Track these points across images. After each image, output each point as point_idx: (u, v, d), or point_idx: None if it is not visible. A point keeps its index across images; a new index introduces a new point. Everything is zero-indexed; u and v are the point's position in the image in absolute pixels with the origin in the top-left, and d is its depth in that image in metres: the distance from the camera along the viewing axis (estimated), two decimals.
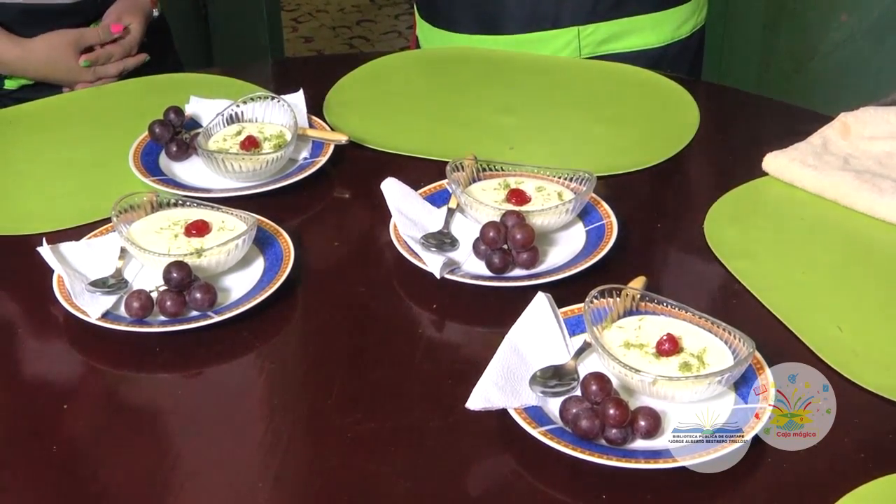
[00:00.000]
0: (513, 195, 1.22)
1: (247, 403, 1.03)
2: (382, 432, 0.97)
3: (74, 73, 1.63)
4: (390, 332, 1.10)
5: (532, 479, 0.92)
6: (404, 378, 1.04)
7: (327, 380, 1.04)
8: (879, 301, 1.13)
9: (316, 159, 1.35)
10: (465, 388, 0.96)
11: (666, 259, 1.25)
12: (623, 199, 1.27)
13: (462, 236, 1.20)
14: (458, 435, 0.96)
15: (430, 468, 0.93)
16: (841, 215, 1.27)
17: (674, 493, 0.90)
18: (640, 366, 0.96)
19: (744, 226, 1.26)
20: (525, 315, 1.04)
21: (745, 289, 1.14)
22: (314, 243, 1.22)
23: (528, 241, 1.13)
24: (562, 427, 0.94)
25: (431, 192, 1.27)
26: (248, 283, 1.13)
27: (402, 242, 1.17)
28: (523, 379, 0.98)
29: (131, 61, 1.68)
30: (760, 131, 1.49)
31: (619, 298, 1.04)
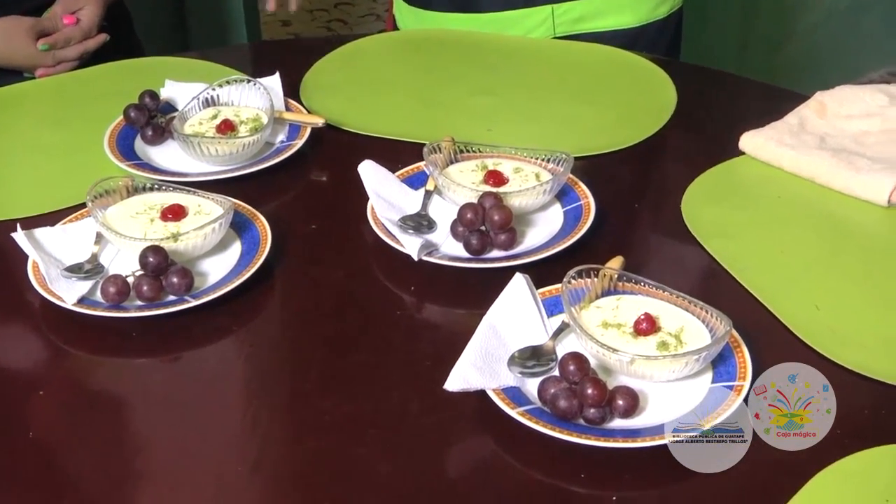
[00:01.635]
0: (490, 177, 1.22)
1: (224, 388, 1.03)
2: (361, 415, 0.97)
3: (33, 58, 1.61)
4: (368, 315, 1.10)
5: (511, 459, 0.92)
6: (383, 360, 1.04)
7: (305, 363, 1.04)
8: (856, 279, 1.14)
9: (292, 142, 1.34)
10: (444, 370, 0.96)
11: (643, 239, 1.25)
12: (600, 179, 1.27)
13: (440, 218, 1.20)
14: (437, 416, 0.96)
15: (409, 450, 0.93)
16: (817, 194, 1.27)
17: (652, 472, 0.90)
18: (617, 345, 0.97)
19: (721, 205, 1.26)
20: (503, 296, 1.04)
21: (722, 268, 1.15)
22: (291, 227, 1.22)
23: (506, 222, 1.13)
24: (540, 407, 0.94)
25: (409, 174, 1.27)
26: (224, 267, 1.13)
27: (379, 225, 1.17)
28: (501, 360, 0.98)
29: (91, 43, 1.66)
30: (737, 111, 1.49)
31: (597, 279, 1.04)
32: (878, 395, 0.98)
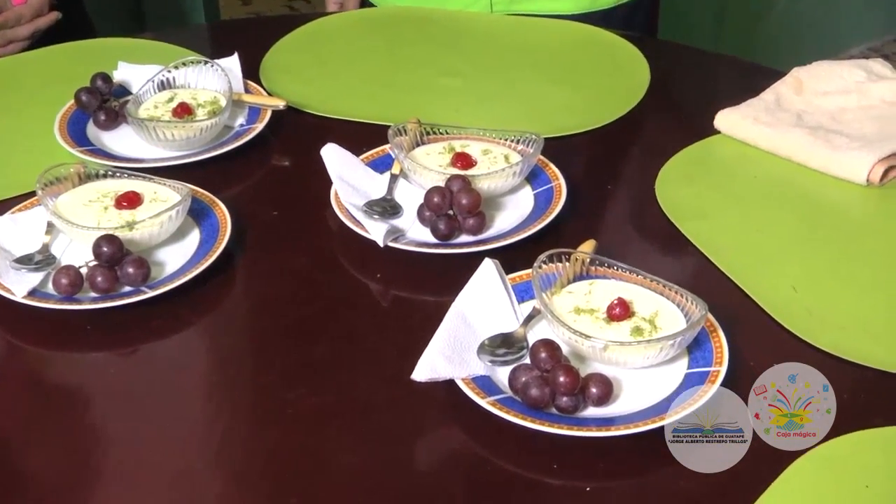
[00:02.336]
0: (458, 159, 1.22)
1: (184, 381, 1.03)
2: (326, 407, 0.97)
3: None
4: (333, 304, 1.10)
5: (481, 450, 0.93)
6: (348, 350, 1.04)
7: (268, 354, 1.04)
8: (834, 260, 1.15)
9: (252, 126, 1.34)
10: (412, 359, 0.96)
11: (616, 222, 1.26)
12: (572, 161, 1.27)
13: (406, 203, 1.20)
14: (405, 407, 0.97)
15: (376, 442, 0.93)
16: (794, 173, 1.28)
17: (626, 461, 0.91)
18: (590, 331, 0.97)
19: (696, 186, 1.27)
20: (472, 282, 1.04)
21: (697, 250, 1.15)
22: (252, 213, 1.21)
23: (475, 206, 1.14)
24: (511, 396, 0.95)
25: (373, 157, 1.27)
26: (183, 256, 1.13)
27: (343, 210, 1.17)
28: (471, 348, 0.98)
29: (42, 21, 1.65)
30: (712, 88, 1.50)
31: (569, 263, 1.05)
32: (857, 379, 0.99)
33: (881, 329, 1.05)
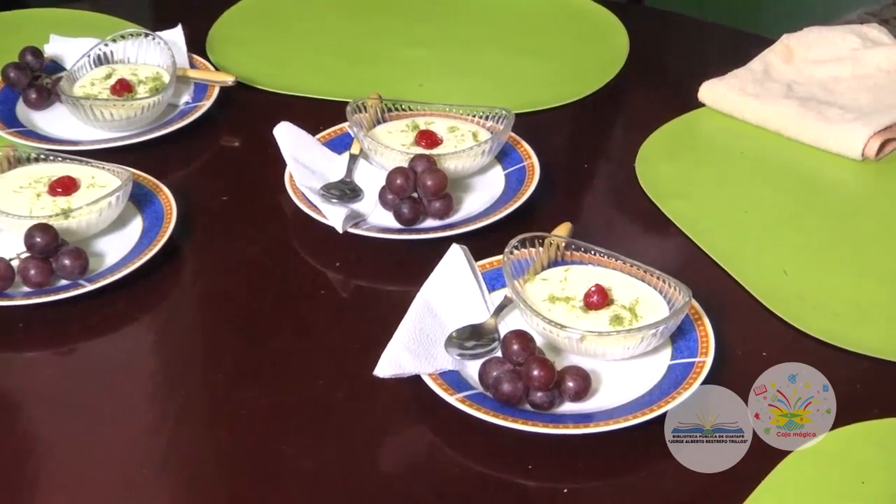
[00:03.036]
0: (422, 137, 1.22)
1: (127, 382, 1.02)
2: (283, 407, 0.97)
3: None
4: (289, 295, 1.10)
5: (451, 451, 0.93)
6: (305, 345, 1.04)
7: (219, 351, 1.04)
8: (828, 241, 1.16)
9: (199, 104, 1.33)
10: (374, 354, 0.96)
11: (594, 203, 1.26)
12: (545, 138, 1.28)
13: (366, 185, 1.20)
14: (368, 406, 0.97)
15: (337, 445, 0.94)
16: (785, 148, 1.29)
17: (607, 460, 0.92)
18: (566, 321, 0.98)
19: (679, 163, 1.28)
20: (438, 270, 1.04)
21: (681, 232, 1.16)
22: (200, 199, 1.21)
23: (441, 187, 1.14)
24: (482, 392, 0.95)
25: (331, 136, 1.27)
26: (124, 246, 1.12)
27: (299, 194, 1.17)
28: (438, 341, 0.99)
29: None
30: (696, 58, 1.51)
31: (542, 248, 1.05)
32: (853, 368, 1.00)
33: (878, 315, 1.06)
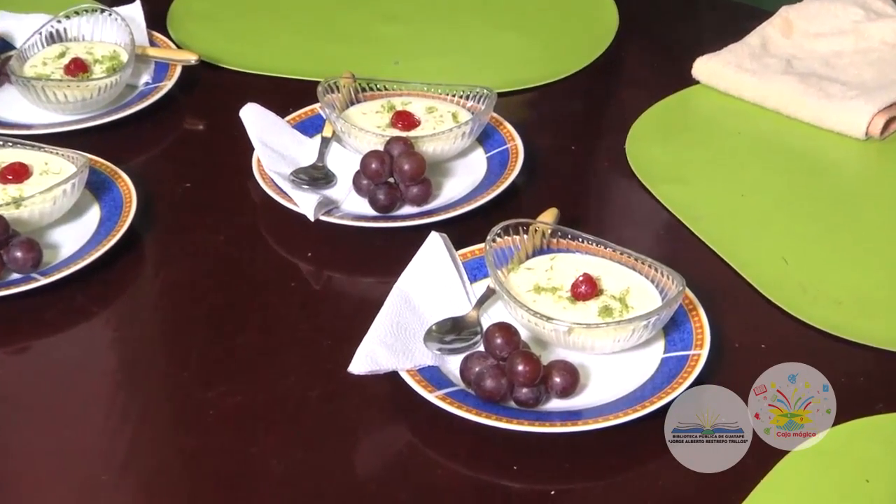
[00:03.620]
0: (399, 119, 1.22)
1: (86, 381, 1.02)
2: (251, 407, 0.97)
3: None
4: (258, 288, 1.10)
5: (430, 452, 0.93)
6: (275, 341, 1.04)
7: (184, 347, 1.04)
8: (830, 226, 1.17)
9: (160, 84, 1.33)
10: (348, 350, 0.96)
11: (581, 187, 1.26)
12: (530, 118, 1.28)
13: (340, 170, 1.20)
14: (342, 405, 0.97)
15: (309, 446, 0.94)
16: (784, 127, 1.30)
17: (596, 459, 0.92)
18: (552, 313, 0.98)
19: (672, 145, 1.28)
20: (417, 260, 1.05)
21: (674, 218, 1.17)
22: (161, 186, 1.21)
23: (418, 172, 1.14)
24: (463, 389, 0.95)
25: (301, 118, 1.27)
26: (81, 237, 1.12)
27: (267, 180, 1.17)
28: (416, 335, 0.99)
29: None
30: (690, 32, 1.51)
31: (527, 235, 1.06)
32: (856, 360, 1.01)
33: (882, 305, 1.07)
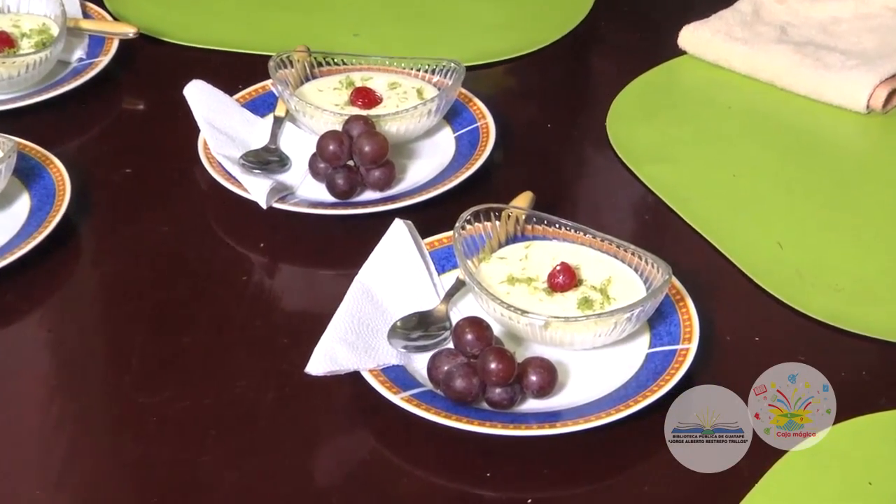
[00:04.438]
0: (358, 96, 1.22)
1: (16, 387, 1.02)
2: (200, 412, 0.97)
3: None
4: (206, 283, 1.10)
5: (396, 458, 0.94)
6: (226, 340, 1.04)
7: (124, 349, 1.04)
8: (828, 207, 1.18)
9: (95, 60, 1.33)
10: (306, 349, 0.96)
11: (558, 169, 1.27)
12: (502, 94, 1.28)
13: (294, 153, 1.20)
14: (300, 409, 0.97)
15: (264, 454, 0.94)
16: (778, 101, 1.30)
17: (576, 464, 0.93)
18: (527, 306, 0.98)
19: (657, 121, 1.29)
20: (379, 250, 1.05)
21: (659, 200, 1.17)
22: (98, 172, 1.21)
23: (380, 154, 1.14)
24: (431, 390, 0.96)
25: (251, 96, 1.27)
26: (9, 229, 1.12)
27: (215, 165, 1.17)
28: (379, 332, 0.99)
29: None
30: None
31: (500, 222, 1.06)
32: (858, 352, 1.02)
33: (886, 292, 1.08)
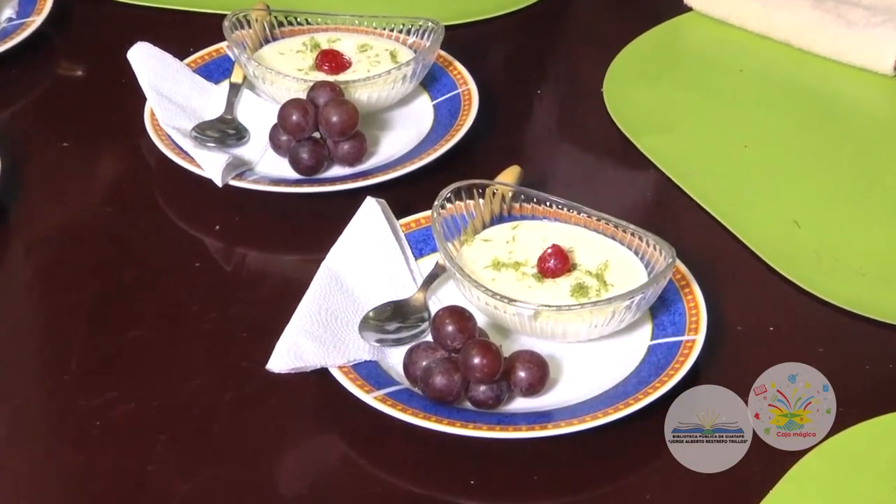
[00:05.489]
0: (325, 59, 1.23)
1: None
2: (148, 415, 0.97)
3: None
4: (154, 271, 1.10)
5: (369, 465, 0.94)
6: (177, 335, 1.04)
7: (62, 346, 1.04)
8: (851, 182, 1.18)
9: (27, 20, 1.33)
10: (268, 343, 0.96)
11: (549, 140, 1.27)
12: (485, 57, 1.28)
13: (253, 124, 1.20)
14: (261, 411, 0.97)
15: (220, 462, 0.94)
16: (795, 62, 1.31)
17: (570, 471, 0.93)
18: (515, 294, 0.99)
19: (659, 86, 1.29)
20: (349, 232, 1.05)
21: (662, 175, 1.18)
22: (31, 146, 1.21)
23: (349, 125, 1.14)
24: (408, 388, 0.96)
25: (204, 60, 1.27)
26: None
27: (163, 138, 1.17)
28: (350, 324, 0.99)
29: None
30: None
31: (483, 200, 1.06)
32: (884, 342, 1.03)
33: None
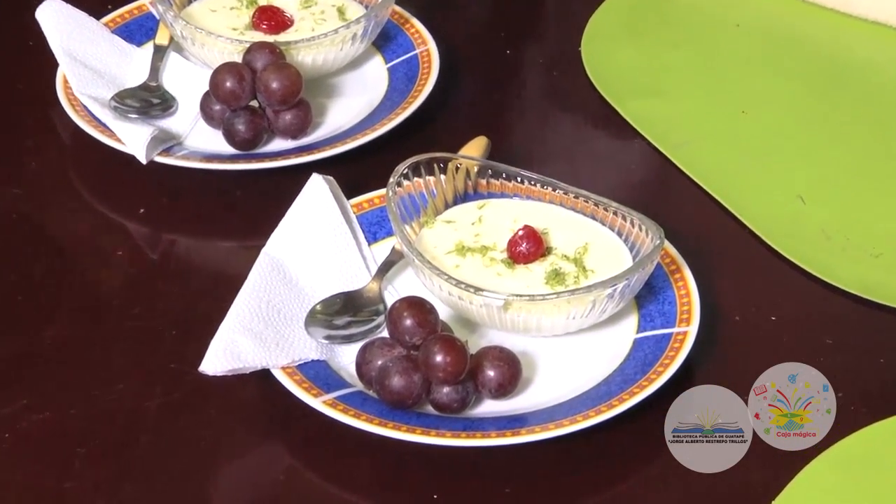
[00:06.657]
0: (263, 17, 1.23)
1: None
2: (64, 426, 0.97)
3: None
4: (70, 261, 1.11)
5: (317, 478, 0.94)
6: (98, 334, 1.04)
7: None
8: (862, 150, 1.19)
9: None
10: (201, 342, 0.96)
11: (520, 106, 1.28)
12: (446, 12, 1.28)
13: (181, 92, 1.21)
14: (193, 419, 0.97)
15: (146, 478, 0.94)
16: (799, 16, 1.31)
17: (546, 481, 0.93)
18: (482, 282, 0.99)
19: (645, 43, 1.29)
20: (292, 214, 1.06)
21: (648, 144, 1.18)
22: None
23: (292, 92, 1.14)
24: (362, 391, 0.96)
25: (125, 20, 1.27)
26: None
27: (78, 108, 1.17)
28: (295, 319, 1.00)
29: None
30: None
31: (445, 176, 1.07)
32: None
33: None
